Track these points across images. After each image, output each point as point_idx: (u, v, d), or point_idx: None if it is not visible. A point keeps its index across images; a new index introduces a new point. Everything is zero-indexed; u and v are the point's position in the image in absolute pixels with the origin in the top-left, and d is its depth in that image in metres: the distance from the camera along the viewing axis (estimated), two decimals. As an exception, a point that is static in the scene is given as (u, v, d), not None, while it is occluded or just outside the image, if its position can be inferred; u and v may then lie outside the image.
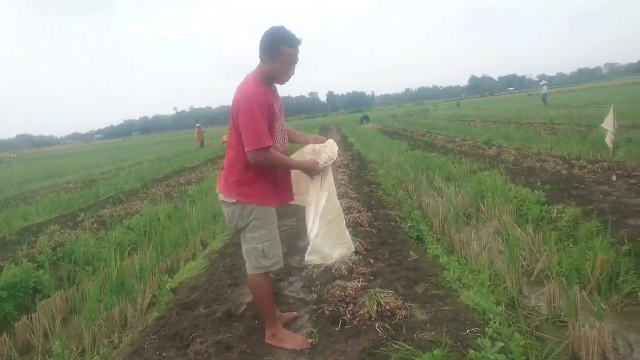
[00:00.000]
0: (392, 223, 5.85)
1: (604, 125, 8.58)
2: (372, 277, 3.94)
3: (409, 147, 14.74)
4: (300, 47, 2.67)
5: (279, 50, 2.60)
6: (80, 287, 4.99)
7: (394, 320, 3.06)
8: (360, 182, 9.07)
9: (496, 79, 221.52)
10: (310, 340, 3.03)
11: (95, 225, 7.92)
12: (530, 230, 5.18)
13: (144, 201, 9.99)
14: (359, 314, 3.18)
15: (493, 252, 4.77)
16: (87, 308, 4.31)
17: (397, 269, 4.14)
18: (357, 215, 5.78)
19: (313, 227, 2.85)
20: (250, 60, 2.93)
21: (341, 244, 3.01)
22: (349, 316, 3.19)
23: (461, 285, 3.71)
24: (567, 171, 7.73)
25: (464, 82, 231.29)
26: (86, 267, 5.63)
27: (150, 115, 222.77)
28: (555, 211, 5.60)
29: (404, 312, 3.16)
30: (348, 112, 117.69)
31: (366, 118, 40.25)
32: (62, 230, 7.61)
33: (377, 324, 3.01)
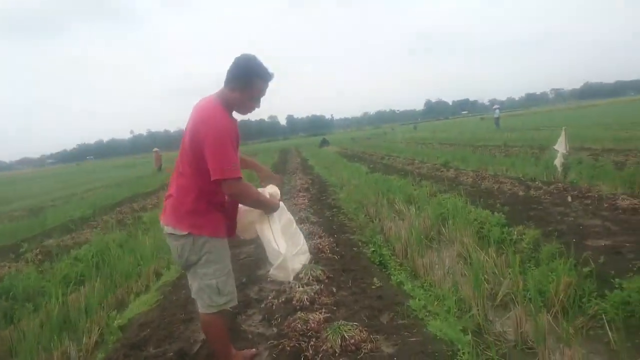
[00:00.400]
0: (355, 248, 5.71)
1: (556, 147, 8.82)
2: (335, 308, 3.76)
3: (369, 170, 14.77)
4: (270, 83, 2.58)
5: (251, 82, 2.50)
6: (19, 327, 4.55)
7: (359, 355, 2.89)
8: (320, 206, 8.93)
9: (450, 103, 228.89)
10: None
11: (39, 257, 7.41)
12: (493, 253, 5.14)
13: (95, 230, 9.48)
14: (322, 349, 2.99)
15: (457, 277, 4.68)
16: (24, 350, 3.92)
17: (360, 298, 3.98)
18: (318, 241, 5.61)
19: (279, 242, 2.69)
20: (209, 84, 2.77)
21: (301, 252, 2.87)
22: (311, 352, 3.00)
23: (427, 314, 3.58)
24: (524, 192, 7.84)
25: (419, 106, 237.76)
26: (27, 303, 5.18)
27: (105, 139, 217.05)
28: (515, 233, 5.61)
29: (369, 345, 3.00)
30: (307, 135, 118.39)
31: (325, 142, 40.49)
32: (1, 264, 7.05)
33: (341, 360, 2.83)
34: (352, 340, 2.98)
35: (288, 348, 3.09)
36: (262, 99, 2.64)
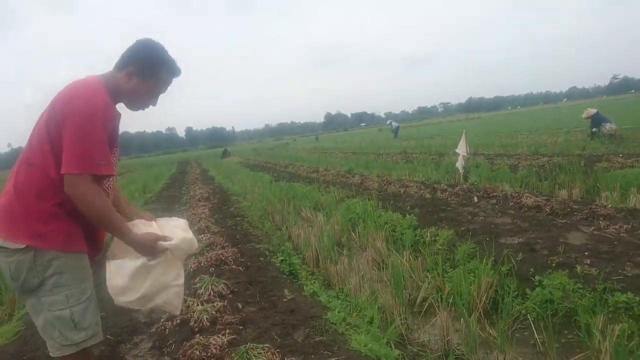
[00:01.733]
0: (261, 258, 5.17)
1: (457, 150, 8.96)
2: (241, 327, 3.20)
3: (273, 179, 14.27)
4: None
5: (157, 71, 2.02)
6: None
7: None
8: (222, 215, 8.25)
9: (349, 116, 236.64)
10: None
11: None
12: (409, 256, 4.88)
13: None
14: (226, 381, 2.43)
15: (373, 284, 4.33)
16: None
17: (270, 313, 3.46)
18: (220, 252, 4.99)
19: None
20: None
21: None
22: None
23: (347, 327, 3.15)
24: (431, 195, 7.81)
25: (320, 118, 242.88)
26: None
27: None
28: (428, 234, 5.41)
29: (284, 370, 2.48)
30: (208, 147, 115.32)
31: (227, 153, 39.53)
32: None
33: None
34: (264, 368, 2.45)
35: (183, 383, 2.47)
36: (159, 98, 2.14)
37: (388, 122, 39.47)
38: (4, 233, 1.83)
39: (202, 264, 4.70)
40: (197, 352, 2.67)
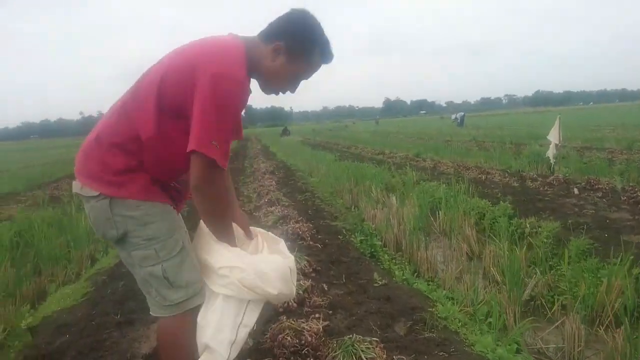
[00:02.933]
0: (339, 236, 4.73)
1: (549, 137, 8.15)
2: (330, 312, 2.77)
3: (337, 158, 13.82)
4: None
5: (309, 54, 1.65)
6: None
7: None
8: (290, 189, 7.89)
9: (409, 103, 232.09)
10: None
11: (-56, 234, 6.00)
12: (505, 248, 4.28)
13: (21, 205, 8.07)
14: (327, 379, 1.99)
15: (472, 276, 3.78)
16: None
17: (362, 299, 3.01)
18: (296, 226, 4.59)
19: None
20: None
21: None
22: (310, 382, 1.99)
23: (459, 324, 2.64)
24: (519, 184, 7.10)
25: (378, 104, 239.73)
26: None
27: (52, 119, 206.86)
28: (527, 225, 4.78)
29: (396, 371, 2.02)
30: (266, 125, 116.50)
31: (287, 131, 39.31)
32: None
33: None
34: (373, 366, 2.00)
35: (274, 374, 2.06)
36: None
37: (454, 117, 37.70)
38: (82, 178, 1.59)
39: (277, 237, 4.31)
40: (289, 339, 2.25)
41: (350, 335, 2.18)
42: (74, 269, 4.87)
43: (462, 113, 36.08)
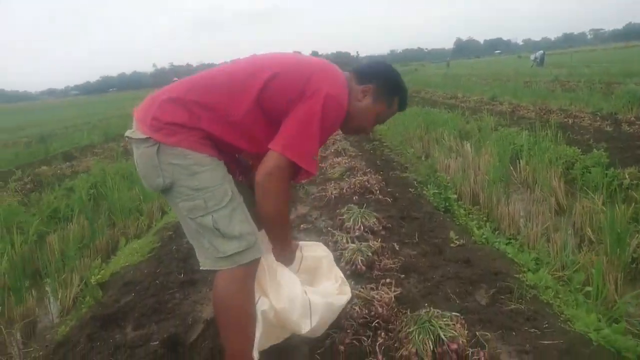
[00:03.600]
0: (410, 189, 4.42)
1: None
2: (402, 276, 2.53)
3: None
4: None
5: (392, 99, 1.78)
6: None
7: (467, 372, 1.66)
8: (357, 138, 7.59)
9: (482, 42, 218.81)
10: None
11: (28, 186, 6.33)
12: (600, 203, 3.80)
13: (98, 157, 8.37)
14: (399, 357, 1.78)
15: (562, 234, 3.38)
16: None
17: (437, 261, 2.73)
18: (364, 179, 4.33)
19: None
20: (237, 18, 1.52)
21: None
22: (380, 359, 1.78)
23: (552, 295, 2.31)
24: (613, 128, 6.36)
25: (449, 45, 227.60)
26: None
27: (128, 72, 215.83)
28: (627, 176, 4.22)
29: (480, 352, 1.76)
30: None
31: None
32: (-19, 193, 6.01)
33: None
34: (454, 346, 1.75)
35: (342, 347, 1.87)
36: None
37: (533, 57, 34.66)
38: (138, 122, 1.55)
39: (344, 190, 4.09)
40: (357, 309, 2.04)
41: (427, 309, 1.93)
42: (145, 221, 4.95)
43: (542, 51, 33.30)
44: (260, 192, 1.54)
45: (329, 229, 3.27)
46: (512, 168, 5.44)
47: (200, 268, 1.58)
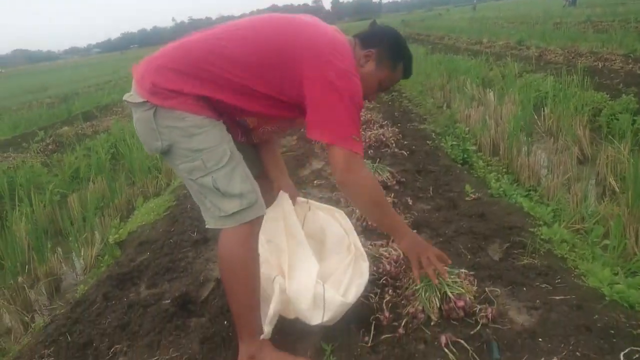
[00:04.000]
0: (428, 142, 4.32)
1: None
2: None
3: (428, 52, 12.80)
4: None
5: (395, 64, 1.72)
6: (11, 229, 3.57)
7: (473, 329, 1.65)
8: (376, 89, 7.41)
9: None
10: (319, 366, 1.64)
11: (50, 146, 6.45)
12: (625, 151, 3.65)
13: (117, 117, 8.43)
14: (406, 314, 1.77)
15: (584, 185, 3.27)
16: (10, 255, 3.02)
17: (451, 216, 2.68)
18: (379, 132, 4.25)
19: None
20: None
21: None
22: (387, 316, 1.78)
23: (567, 249, 2.25)
24: (646, 71, 6.03)
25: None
26: (20, 203, 4.20)
27: (148, 28, 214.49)
28: (656, 123, 4.03)
29: (488, 309, 1.74)
30: (353, 19, 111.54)
31: (375, 25, 37.31)
32: (5, 154, 6.14)
33: (442, 338, 1.60)
34: (461, 303, 1.72)
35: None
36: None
37: None
38: (139, 84, 1.52)
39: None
40: (365, 266, 2.02)
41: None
42: (164, 179, 5.01)
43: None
44: (348, 192, 1.66)
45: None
46: (536, 117, 5.25)
47: (206, 227, 1.60)
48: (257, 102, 1.56)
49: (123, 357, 1.78)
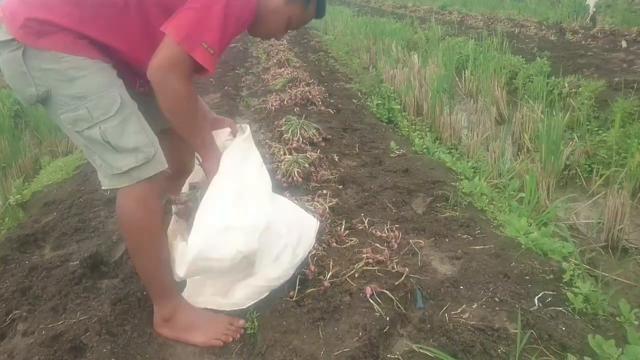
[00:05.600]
0: (354, 100, 4.29)
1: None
2: (340, 187, 2.47)
3: (354, 14, 12.72)
4: None
5: (307, 3, 1.53)
6: None
7: (397, 279, 1.65)
8: (302, 49, 7.27)
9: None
10: (242, 323, 1.56)
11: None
12: (539, 112, 3.82)
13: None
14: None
15: (500, 142, 3.40)
16: None
17: (377, 172, 2.68)
18: (306, 90, 4.15)
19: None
20: None
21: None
22: (312, 270, 1.74)
23: (487, 202, 2.32)
24: (557, 37, 6.35)
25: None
26: None
27: None
28: (566, 84, 4.25)
29: (418, 253, 1.75)
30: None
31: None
32: None
33: (367, 289, 1.60)
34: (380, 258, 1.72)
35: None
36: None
37: None
38: (8, 18, 1.24)
39: (285, 102, 3.91)
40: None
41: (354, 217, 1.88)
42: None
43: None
44: (156, 89, 1.32)
45: (267, 141, 3.13)
46: (457, 79, 5.39)
47: (101, 188, 1.41)
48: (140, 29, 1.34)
49: (23, 322, 1.60)
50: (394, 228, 1.99)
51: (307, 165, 2.53)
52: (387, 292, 1.59)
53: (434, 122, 4.09)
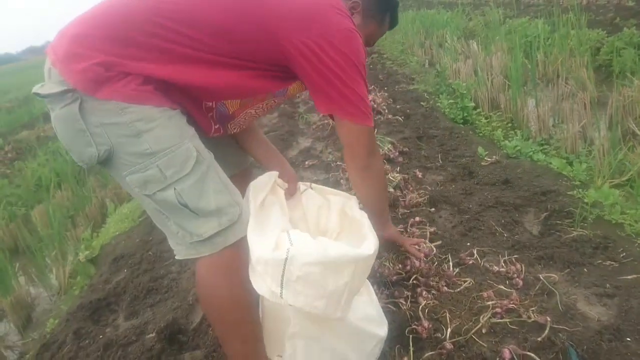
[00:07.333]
0: (422, 103, 3.93)
1: None
2: (432, 209, 2.13)
3: (400, 8, 12.28)
4: None
5: (384, 17, 1.41)
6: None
7: (538, 334, 1.30)
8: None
9: None
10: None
11: (9, 155, 5.91)
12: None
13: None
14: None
15: (605, 133, 2.94)
16: None
17: (471, 186, 2.33)
18: (370, 98, 3.83)
19: None
20: None
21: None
22: (426, 326, 1.42)
23: (619, 211, 1.90)
24: (636, 2, 5.68)
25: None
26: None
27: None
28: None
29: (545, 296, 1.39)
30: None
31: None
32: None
33: (505, 351, 1.26)
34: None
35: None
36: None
37: None
38: (62, 63, 1.02)
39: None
40: (388, 265, 1.65)
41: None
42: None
43: None
44: (370, 180, 1.34)
45: (337, 163, 2.84)
46: (528, 63, 4.90)
47: (175, 258, 1.16)
48: (231, 75, 1.12)
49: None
50: (513, 259, 1.64)
51: (391, 190, 2.21)
52: (531, 353, 1.25)
53: (515, 115, 3.65)
